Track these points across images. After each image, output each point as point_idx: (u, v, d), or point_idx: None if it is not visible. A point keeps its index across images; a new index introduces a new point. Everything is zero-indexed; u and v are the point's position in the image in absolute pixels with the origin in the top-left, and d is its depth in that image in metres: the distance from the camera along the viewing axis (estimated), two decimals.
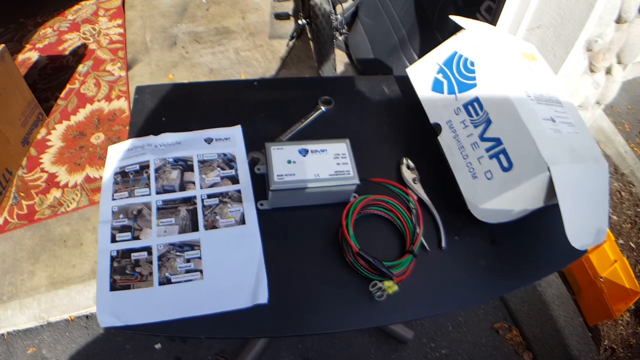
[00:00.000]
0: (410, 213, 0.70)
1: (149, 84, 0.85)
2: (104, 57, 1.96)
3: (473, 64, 0.77)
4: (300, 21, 1.86)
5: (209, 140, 0.78)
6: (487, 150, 0.70)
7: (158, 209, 0.70)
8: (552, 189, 0.63)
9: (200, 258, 0.66)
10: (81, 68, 1.90)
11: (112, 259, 0.67)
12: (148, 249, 0.67)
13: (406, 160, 0.78)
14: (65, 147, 1.63)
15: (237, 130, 0.79)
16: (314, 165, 0.65)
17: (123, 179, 0.74)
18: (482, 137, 0.71)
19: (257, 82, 0.88)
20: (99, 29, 2.09)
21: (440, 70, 0.81)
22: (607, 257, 1.30)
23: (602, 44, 0.98)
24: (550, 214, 0.67)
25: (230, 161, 0.75)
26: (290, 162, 0.65)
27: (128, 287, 0.64)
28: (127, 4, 2.27)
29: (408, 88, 0.85)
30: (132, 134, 0.79)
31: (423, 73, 0.84)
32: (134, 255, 0.67)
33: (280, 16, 2.31)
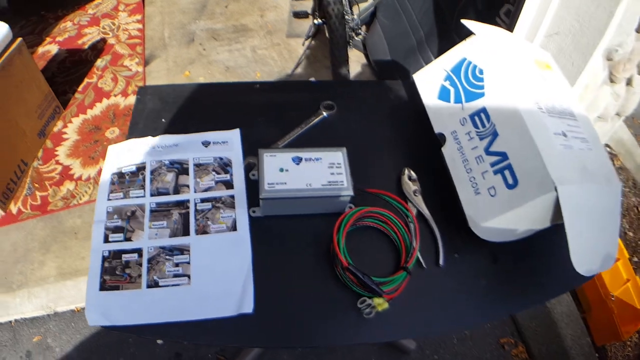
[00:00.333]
0: (407, 227, 0.68)
1: (151, 84, 0.84)
2: (122, 52, 1.99)
3: (482, 72, 0.73)
4: (315, 21, 1.84)
5: (207, 143, 0.77)
6: (492, 165, 0.67)
7: (151, 212, 0.70)
8: (559, 210, 0.59)
9: (189, 263, 0.65)
10: (99, 62, 1.93)
11: (104, 259, 0.67)
12: (139, 251, 0.67)
13: (408, 171, 0.75)
14: (80, 141, 1.66)
15: (235, 133, 0.78)
16: (307, 174, 0.63)
17: (119, 180, 0.74)
18: (487, 151, 0.68)
19: (259, 85, 0.87)
20: (119, 24, 2.12)
21: (447, 77, 0.78)
22: (620, 276, 1.24)
23: (623, 54, 0.92)
24: (556, 233, 0.63)
25: (226, 165, 0.74)
26: (282, 170, 0.63)
27: (117, 288, 0.64)
28: (147, 0, 2.30)
29: (416, 94, 0.82)
30: (132, 135, 0.79)
31: (430, 79, 0.81)
32: (125, 256, 0.67)
33: (298, 15, 2.29)
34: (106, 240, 0.69)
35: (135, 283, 0.64)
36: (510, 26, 1.14)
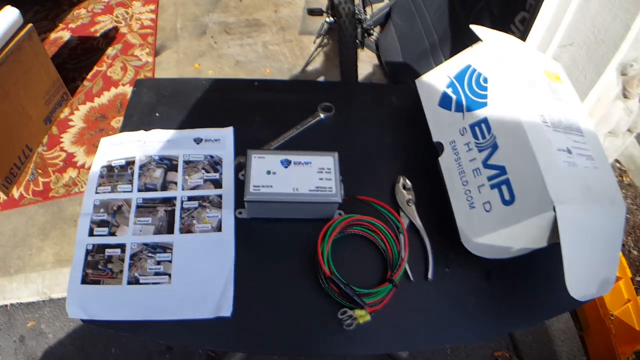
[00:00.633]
0: (396, 238, 0.65)
1: (149, 77, 0.83)
2: (134, 42, 1.99)
3: (486, 81, 0.70)
4: (328, 19, 1.81)
5: (198, 140, 0.75)
6: (489, 178, 0.64)
7: (137, 207, 0.69)
8: (558, 230, 0.56)
9: (170, 262, 0.64)
10: (110, 51, 1.94)
11: (87, 252, 0.66)
12: (122, 247, 0.66)
13: (403, 179, 0.73)
14: (86, 129, 1.66)
15: (229, 132, 0.77)
16: (295, 178, 0.61)
17: (109, 173, 0.73)
18: (486, 164, 0.65)
19: (258, 83, 0.85)
20: (132, 13, 2.12)
21: (450, 84, 0.75)
22: (621, 295, 1.20)
23: (638, 69, 0.88)
24: (554, 251, 0.59)
25: (216, 164, 0.73)
26: (269, 173, 0.61)
27: (98, 282, 0.64)
28: None
29: (417, 100, 0.79)
30: (125, 128, 0.78)
31: (432, 85, 0.78)
32: (108, 251, 0.66)
33: (313, 12, 2.26)
34: (91, 233, 0.68)
35: (116, 279, 0.64)
36: (524, 34, 1.10)
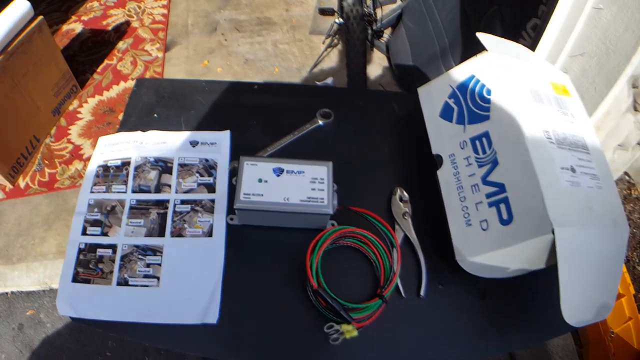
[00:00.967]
0: (389, 251, 0.64)
1: (151, 77, 0.83)
2: (145, 37, 2.00)
3: (490, 92, 0.68)
4: (337, 20, 1.79)
5: (194, 143, 0.75)
6: (488, 196, 0.62)
7: (130, 208, 0.69)
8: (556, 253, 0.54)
9: (160, 265, 0.64)
10: (121, 45, 1.95)
11: (80, 251, 0.66)
12: (113, 247, 0.66)
13: (400, 191, 0.71)
14: (93, 122, 1.68)
15: (225, 135, 0.76)
16: (286, 187, 0.60)
17: (104, 173, 0.72)
18: (485, 180, 0.63)
19: (258, 86, 0.84)
20: (144, 8, 2.13)
21: (452, 94, 0.73)
22: (623, 313, 1.17)
23: None
24: (553, 272, 0.58)
25: (211, 168, 0.72)
26: (261, 181, 0.60)
27: (88, 282, 0.64)
28: None
29: (419, 108, 0.77)
30: (123, 127, 0.77)
31: (434, 95, 0.76)
32: (100, 251, 0.66)
33: (324, 11, 2.24)
34: (84, 232, 0.68)
35: (106, 279, 0.64)
36: (535, 41, 1.07)
